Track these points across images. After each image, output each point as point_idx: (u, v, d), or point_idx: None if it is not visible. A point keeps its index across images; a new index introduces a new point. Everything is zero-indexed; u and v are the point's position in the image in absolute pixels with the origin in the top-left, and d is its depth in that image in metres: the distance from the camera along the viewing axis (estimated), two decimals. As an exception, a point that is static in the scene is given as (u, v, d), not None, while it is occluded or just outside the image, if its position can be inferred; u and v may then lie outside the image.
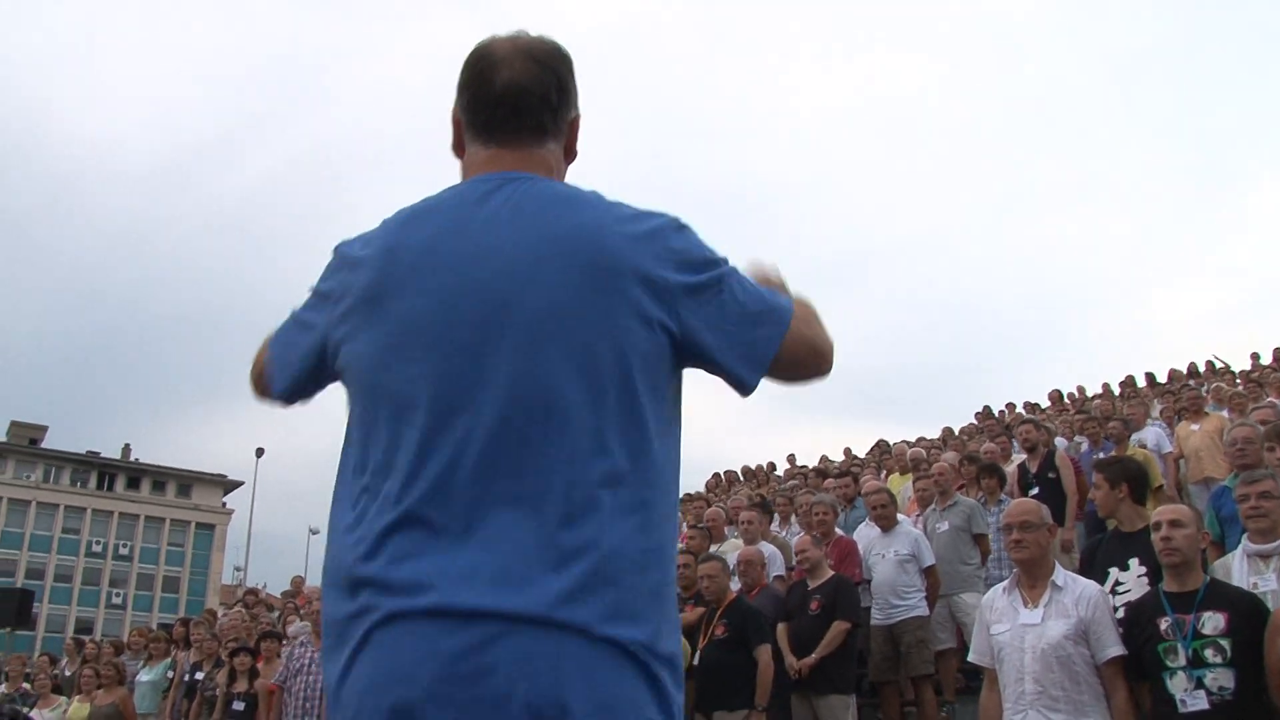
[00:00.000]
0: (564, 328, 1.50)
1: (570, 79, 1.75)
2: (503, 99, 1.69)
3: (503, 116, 1.70)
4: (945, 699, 7.73)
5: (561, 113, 1.73)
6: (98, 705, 10.18)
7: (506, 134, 1.70)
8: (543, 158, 1.71)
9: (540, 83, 1.69)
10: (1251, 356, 18.07)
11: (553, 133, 1.73)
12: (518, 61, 1.69)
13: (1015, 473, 9.41)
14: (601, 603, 1.42)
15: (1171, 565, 4.15)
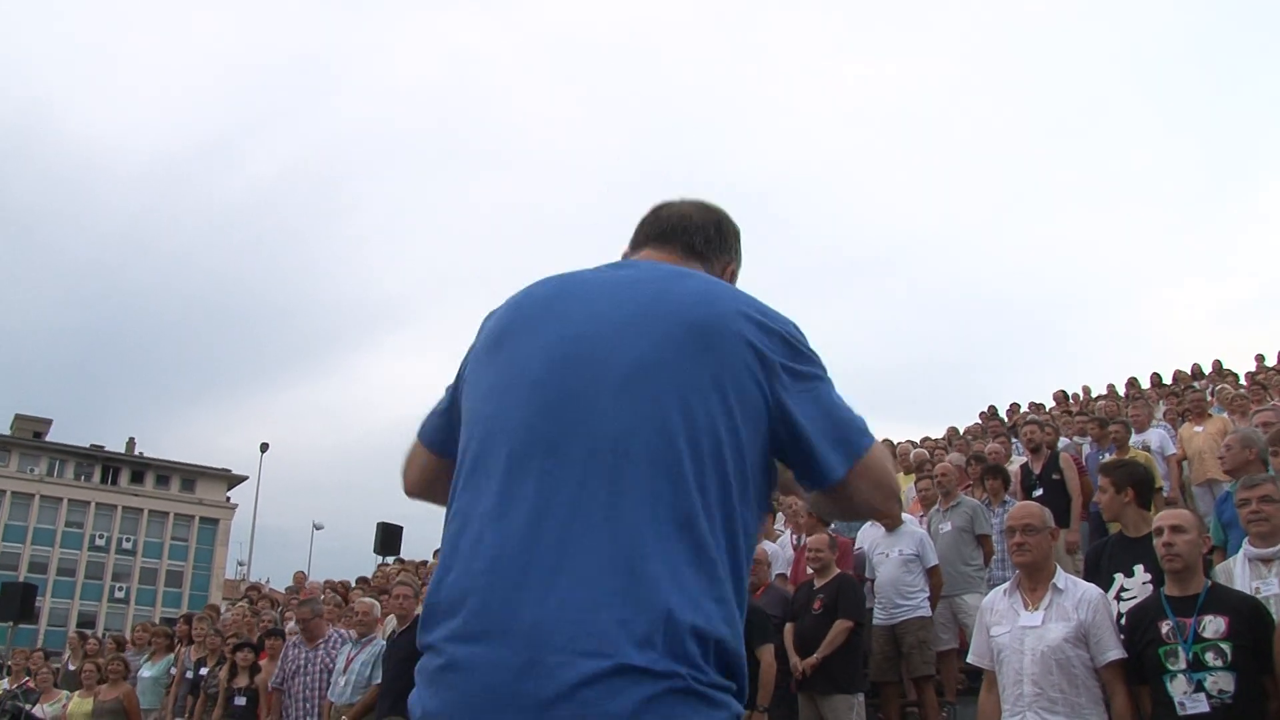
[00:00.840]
0: (659, 379, 1.57)
1: (729, 231, 1.95)
2: (664, 219, 1.92)
3: (660, 231, 1.91)
4: (946, 699, 7.73)
5: (715, 246, 1.91)
6: (101, 700, 10.20)
7: (662, 241, 1.90)
8: (688, 264, 1.85)
9: (702, 217, 1.92)
10: (1256, 358, 18.05)
11: (703, 257, 1.89)
12: (688, 206, 1.95)
13: (1018, 473, 9.40)
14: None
15: (1173, 570, 4.15)
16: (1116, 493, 4.85)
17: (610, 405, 1.56)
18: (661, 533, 1.48)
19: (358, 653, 7.96)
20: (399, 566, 14.35)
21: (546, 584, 1.45)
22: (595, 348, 1.62)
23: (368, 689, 7.73)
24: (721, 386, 1.58)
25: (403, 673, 7.53)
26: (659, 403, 1.56)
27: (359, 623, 8.16)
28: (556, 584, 1.45)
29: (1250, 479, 4.73)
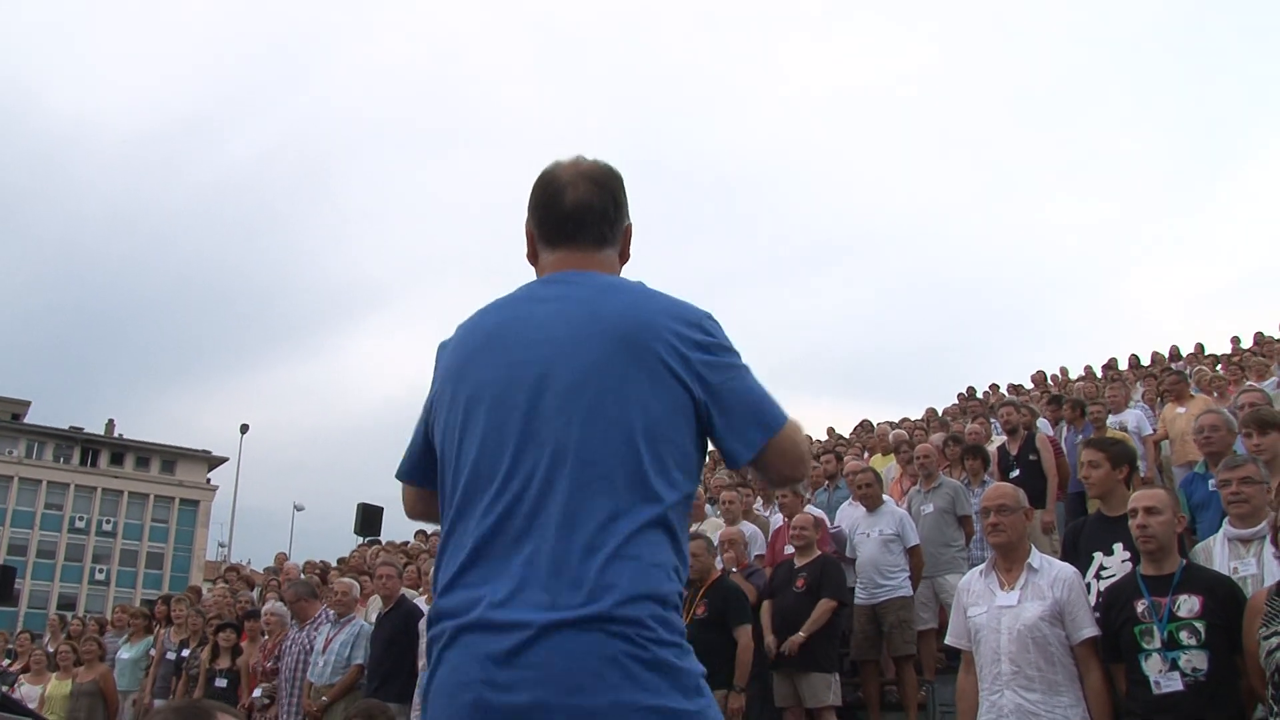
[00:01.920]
0: (599, 389, 1.83)
1: (622, 195, 2.10)
2: (571, 215, 2.04)
3: (571, 230, 2.05)
4: (925, 678, 7.79)
5: (617, 225, 2.09)
6: (79, 682, 10.16)
7: (574, 242, 2.05)
8: (600, 261, 2.06)
9: (601, 201, 2.05)
10: (1232, 340, 18.18)
11: (610, 241, 2.08)
12: (582, 184, 2.05)
13: (996, 454, 9.45)
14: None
15: (1148, 551, 4.18)
16: (1113, 468, 4.87)
17: (562, 419, 1.83)
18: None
19: (337, 633, 7.94)
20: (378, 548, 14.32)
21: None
22: (539, 369, 1.87)
23: (347, 669, 7.72)
24: (654, 386, 1.84)
25: (389, 653, 7.54)
26: (605, 412, 1.82)
27: (338, 603, 8.14)
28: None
29: (1231, 460, 4.76)
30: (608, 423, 1.81)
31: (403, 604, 7.89)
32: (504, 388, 1.88)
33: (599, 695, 1.65)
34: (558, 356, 1.87)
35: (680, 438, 1.87)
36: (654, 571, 1.79)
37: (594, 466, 1.79)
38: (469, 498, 1.86)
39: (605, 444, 1.80)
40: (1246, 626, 3.82)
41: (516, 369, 1.89)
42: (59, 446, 61.81)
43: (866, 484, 8.01)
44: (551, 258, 2.07)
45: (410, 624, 7.68)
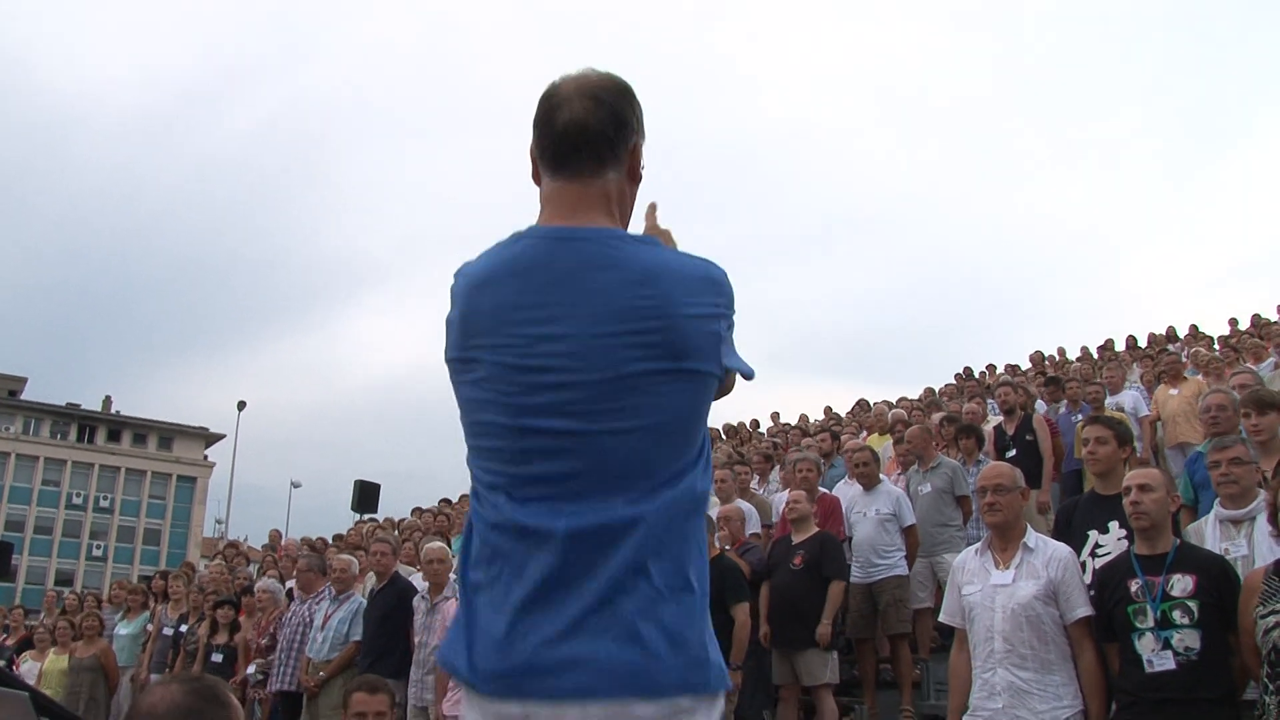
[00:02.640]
0: (623, 392, 1.74)
1: (628, 111, 1.92)
2: (564, 135, 1.88)
3: (565, 152, 1.89)
4: (920, 656, 7.82)
5: (619, 144, 1.91)
6: (78, 657, 10.19)
7: (570, 167, 1.89)
8: (602, 187, 1.90)
9: (598, 119, 1.87)
10: (1230, 322, 18.17)
11: (612, 163, 1.91)
12: (577, 100, 1.88)
13: (992, 434, 9.45)
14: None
15: (1141, 529, 4.19)
16: (1119, 446, 4.88)
17: (590, 425, 1.73)
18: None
19: (335, 609, 7.97)
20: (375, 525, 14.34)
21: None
22: (558, 371, 1.75)
23: (345, 645, 7.75)
24: (675, 355, 1.76)
25: (383, 629, 7.56)
26: (633, 414, 1.73)
27: (337, 580, 8.16)
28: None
29: (1220, 441, 4.77)
30: (636, 423, 1.76)
31: (397, 580, 7.91)
32: (516, 389, 1.79)
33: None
34: (574, 359, 1.76)
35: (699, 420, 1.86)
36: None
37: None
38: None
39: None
40: (1243, 605, 3.83)
41: (543, 369, 1.77)
42: (56, 423, 61.82)
43: (864, 463, 8.01)
44: (550, 186, 1.93)
45: (405, 600, 7.70)
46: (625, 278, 1.78)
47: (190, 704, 2.01)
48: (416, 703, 7.23)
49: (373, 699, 4.42)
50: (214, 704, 2.03)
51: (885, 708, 7.52)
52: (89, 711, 9.55)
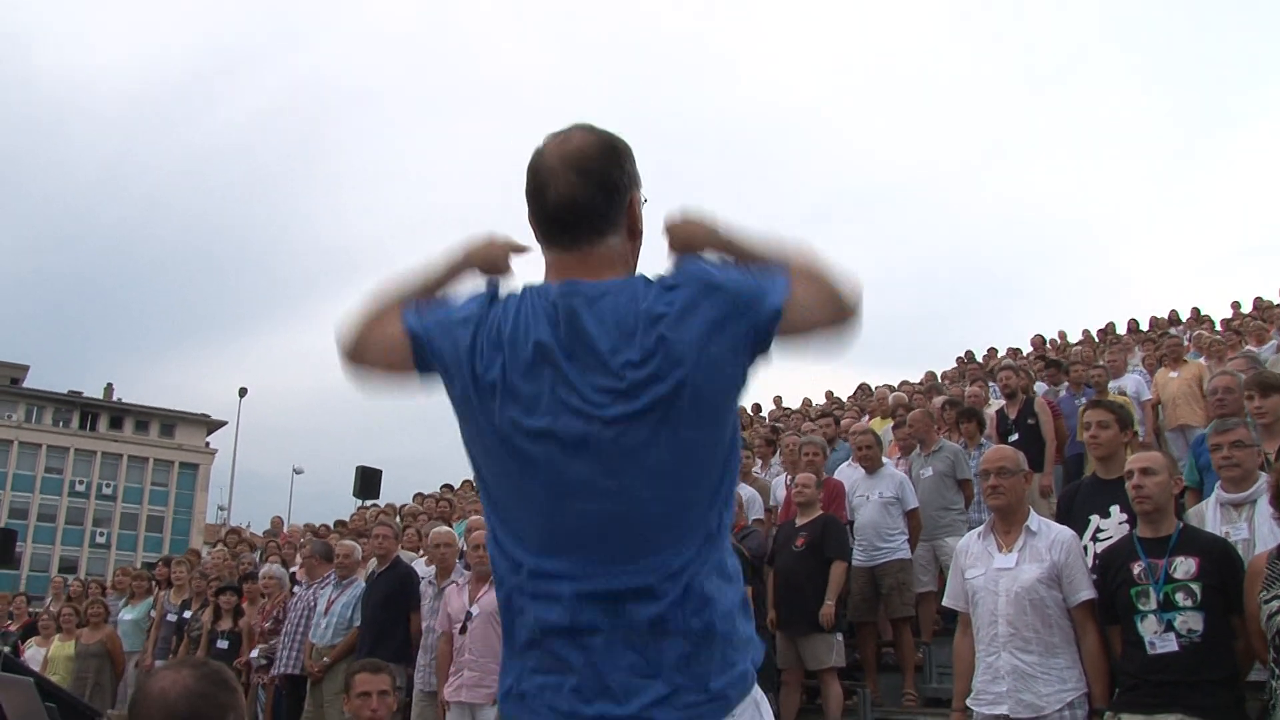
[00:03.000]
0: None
1: (617, 173, 1.87)
2: (555, 217, 1.86)
3: (559, 230, 1.87)
4: (922, 640, 7.83)
5: (613, 211, 1.87)
6: (84, 643, 10.21)
7: (566, 242, 1.87)
8: (603, 255, 1.86)
9: (586, 194, 1.83)
10: (1233, 305, 18.14)
11: (609, 230, 1.87)
12: (563, 176, 1.83)
13: (994, 418, 9.45)
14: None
15: (1144, 512, 4.18)
16: (1120, 430, 4.88)
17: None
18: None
19: (338, 595, 7.98)
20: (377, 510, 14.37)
21: None
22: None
23: (349, 631, 7.77)
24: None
25: (381, 614, 7.58)
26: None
27: (340, 565, 8.18)
28: None
29: (1222, 424, 4.76)
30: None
31: (398, 565, 7.92)
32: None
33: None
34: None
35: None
36: None
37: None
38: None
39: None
40: (1247, 589, 3.83)
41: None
42: (58, 410, 61.86)
43: (867, 446, 8.00)
44: (550, 257, 1.91)
45: (407, 585, 7.71)
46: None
47: (201, 689, 2.04)
48: (424, 687, 7.24)
49: (375, 678, 4.43)
50: (223, 689, 2.06)
51: (887, 691, 7.53)
52: (95, 697, 9.56)
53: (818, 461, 8.14)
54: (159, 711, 2.05)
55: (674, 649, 1.73)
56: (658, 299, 1.77)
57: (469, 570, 7.00)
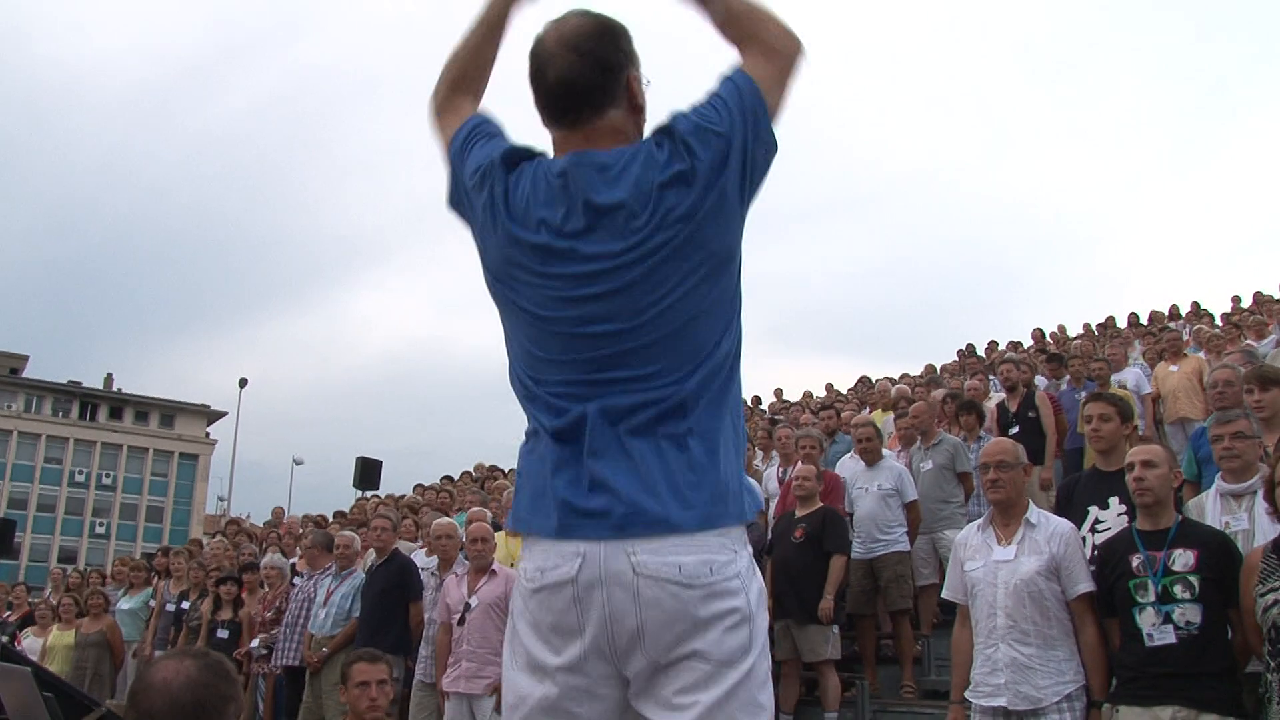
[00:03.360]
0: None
1: (612, 51, 1.99)
2: (554, 94, 1.98)
3: (560, 109, 1.99)
4: (921, 632, 7.84)
5: (612, 87, 1.98)
6: (84, 634, 10.23)
7: (569, 119, 1.99)
8: (603, 127, 1.98)
9: (583, 71, 1.95)
10: (1233, 299, 18.13)
11: (609, 104, 1.99)
12: (561, 56, 1.96)
13: (995, 411, 9.45)
14: None
15: (1144, 505, 4.18)
16: (1121, 422, 4.88)
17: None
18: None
19: (338, 585, 7.99)
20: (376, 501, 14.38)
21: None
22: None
23: (348, 622, 7.77)
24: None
25: (381, 604, 7.58)
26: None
27: (339, 556, 8.18)
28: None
29: (1224, 415, 4.75)
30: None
31: (396, 557, 7.92)
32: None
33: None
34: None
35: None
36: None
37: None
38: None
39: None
40: (1244, 584, 3.83)
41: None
42: (58, 400, 61.88)
43: (867, 438, 8.00)
44: (555, 135, 2.04)
45: (405, 577, 7.71)
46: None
47: (204, 679, 2.07)
48: (424, 678, 7.25)
49: (373, 668, 4.44)
50: (225, 680, 2.07)
51: (886, 683, 7.54)
52: (94, 686, 9.57)
53: (814, 454, 8.14)
54: (162, 701, 2.06)
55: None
56: (665, 165, 1.89)
57: (469, 561, 7.01)
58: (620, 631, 1.84)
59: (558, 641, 1.89)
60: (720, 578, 1.84)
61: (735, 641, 1.85)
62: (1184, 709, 3.80)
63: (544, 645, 1.91)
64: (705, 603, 1.83)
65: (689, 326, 1.90)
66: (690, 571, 1.82)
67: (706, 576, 1.83)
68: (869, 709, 7.18)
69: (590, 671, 1.88)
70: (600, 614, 1.84)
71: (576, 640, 1.87)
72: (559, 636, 1.89)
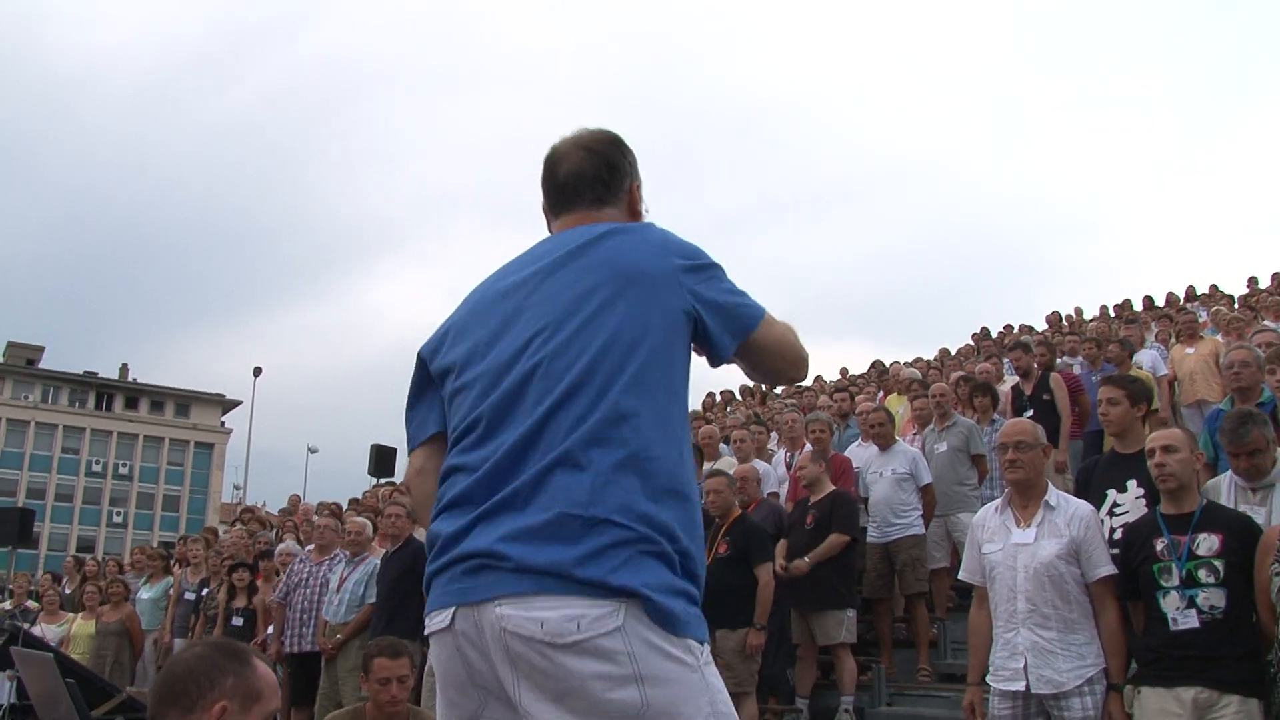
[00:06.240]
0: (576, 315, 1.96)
1: (619, 157, 2.20)
2: (564, 185, 2.18)
3: (567, 197, 2.18)
4: (937, 615, 7.83)
5: (614, 186, 2.19)
6: (105, 622, 10.30)
7: (572, 208, 2.18)
8: (600, 219, 2.14)
9: (592, 166, 2.17)
10: (1249, 281, 18.02)
11: (609, 201, 2.19)
12: (574, 154, 2.18)
13: (1010, 394, 9.42)
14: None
15: (1168, 490, 4.14)
16: (1132, 405, 4.83)
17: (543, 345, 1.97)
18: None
19: (350, 572, 8.01)
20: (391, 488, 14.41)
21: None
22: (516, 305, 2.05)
23: (361, 608, 7.79)
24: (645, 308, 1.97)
25: (396, 591, 7.60)
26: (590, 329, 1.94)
27: (351, 542, 8.20)
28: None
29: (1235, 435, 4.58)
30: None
31: (411, 543, 7.93)
32: (494, 337, 2.03)
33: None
34: (534, 296, 2.03)
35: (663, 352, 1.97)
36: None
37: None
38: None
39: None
40: (1258, 562, 3.81)
41: (495, 315, 2.06)
42: (74, 391, 62.22)
43: (879, 424, 8.00)
44: (554, 225, 2.22)
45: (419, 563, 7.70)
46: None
47: (206, 653, 2.10)
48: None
49: (395, 664, 4.43)
50: (230, 658, 2.11)
51: (902, 666, 7.54)
52: (115, 675, 9.63)
53: (825, 438, 8.13)
54: (164, 671, 2.14)
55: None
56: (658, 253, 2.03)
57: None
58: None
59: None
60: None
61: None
62: (1206, 690, 3.79)
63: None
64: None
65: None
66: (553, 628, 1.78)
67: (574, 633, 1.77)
68: (885, 692, 7.18)
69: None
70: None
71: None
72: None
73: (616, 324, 1.92)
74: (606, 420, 1.85)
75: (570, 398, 1.87)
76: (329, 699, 7.61)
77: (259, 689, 2.07)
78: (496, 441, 1.90)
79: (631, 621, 1.76)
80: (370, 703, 4.50)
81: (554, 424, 1.86)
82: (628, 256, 2.00)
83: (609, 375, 1.88)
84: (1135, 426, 4.84)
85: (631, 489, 1.82)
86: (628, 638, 1.75)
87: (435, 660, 1.94)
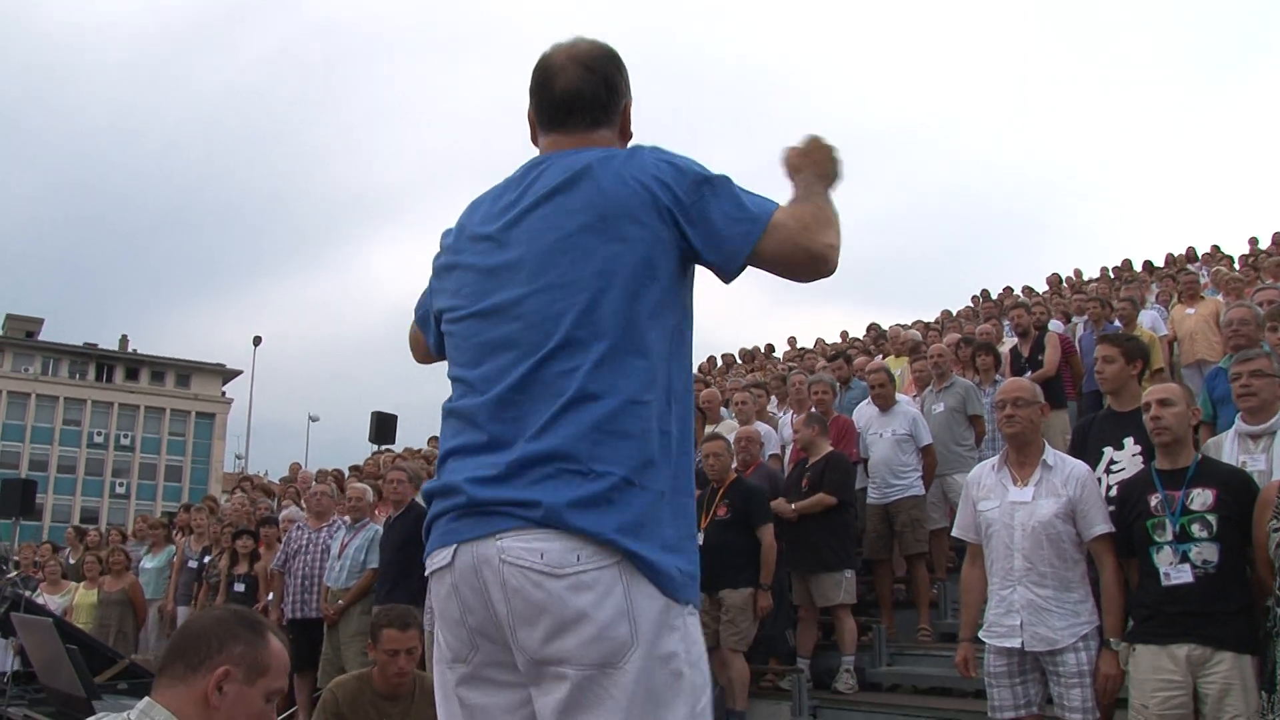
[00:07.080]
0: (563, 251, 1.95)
1: (617, 76, 2.14)
2: (560, 102, 2.11)
3: (562, 115, 2.12)
4: (936, 576, 7.86)
5: (610, 106, 2.14)
6: (107, 591, 10.36)
7: (566, 127, 2.12)
8: (594, 141, 2.10)
9: (591, 85, 2.10)
10: (1250, 241, 17.95)
11: (604, 122, 2.13)
12: (571, 69, 2.11)
13: (1008, 356, 9.43)
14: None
15: (1162, 444, 4.14)
16: (1126, 363, 4.82)
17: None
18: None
19: (351, 538, 8.03)
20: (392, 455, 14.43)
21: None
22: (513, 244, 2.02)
23: (362, 573, 7.83)
24: (616, 250, 1.94)
25: (399, 557, 7.62)
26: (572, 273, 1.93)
27: (352, 508, 8.22)
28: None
29: (1244, 353, 4.70)
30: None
31: (413, 509, 7.95)
32: (488, 270, 2.02)
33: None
34: (518, 233, 2.00)
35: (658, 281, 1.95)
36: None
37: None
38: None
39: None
40: (1257, 518, 3.81)
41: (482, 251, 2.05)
42: (74, 363, 62.27)
43: (880, 384, 8.00)
44: (545, 141, 2.16)
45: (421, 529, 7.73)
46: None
47: (222, 616, 2.14)
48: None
49: (404, 635, 4.42)
50: (243, 625, 2.17)
51: (903, 627, 7.59)
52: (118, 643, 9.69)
53: (827, 400, 8.14)
54: (179, 632, 2.19)
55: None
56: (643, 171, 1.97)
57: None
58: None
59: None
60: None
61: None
62: (1200, 647, 3.80)
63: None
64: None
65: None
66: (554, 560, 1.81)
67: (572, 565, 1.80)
68: (886, 652, 7.24)
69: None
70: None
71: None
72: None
73: (600, 266, 1.91)
74: (597, 368, 1.86)
75: (559, 350, 1.88)
76: (332, 664, 7.66)
77: (267, 663, 2.09)
78: (493, 392, 1.92)
79: (627, 561, 1.81)
80: (377, 670, 4.49)
81: (546, 374, 1.88)
82: (614, 191, 1.94)
83: (597, 323, 1.88)
84: (1131, 384, 4.83)
85: (628, 435, 1.86)
86: (624, 573, 1.80)
87: (435, 599, 1.98)
